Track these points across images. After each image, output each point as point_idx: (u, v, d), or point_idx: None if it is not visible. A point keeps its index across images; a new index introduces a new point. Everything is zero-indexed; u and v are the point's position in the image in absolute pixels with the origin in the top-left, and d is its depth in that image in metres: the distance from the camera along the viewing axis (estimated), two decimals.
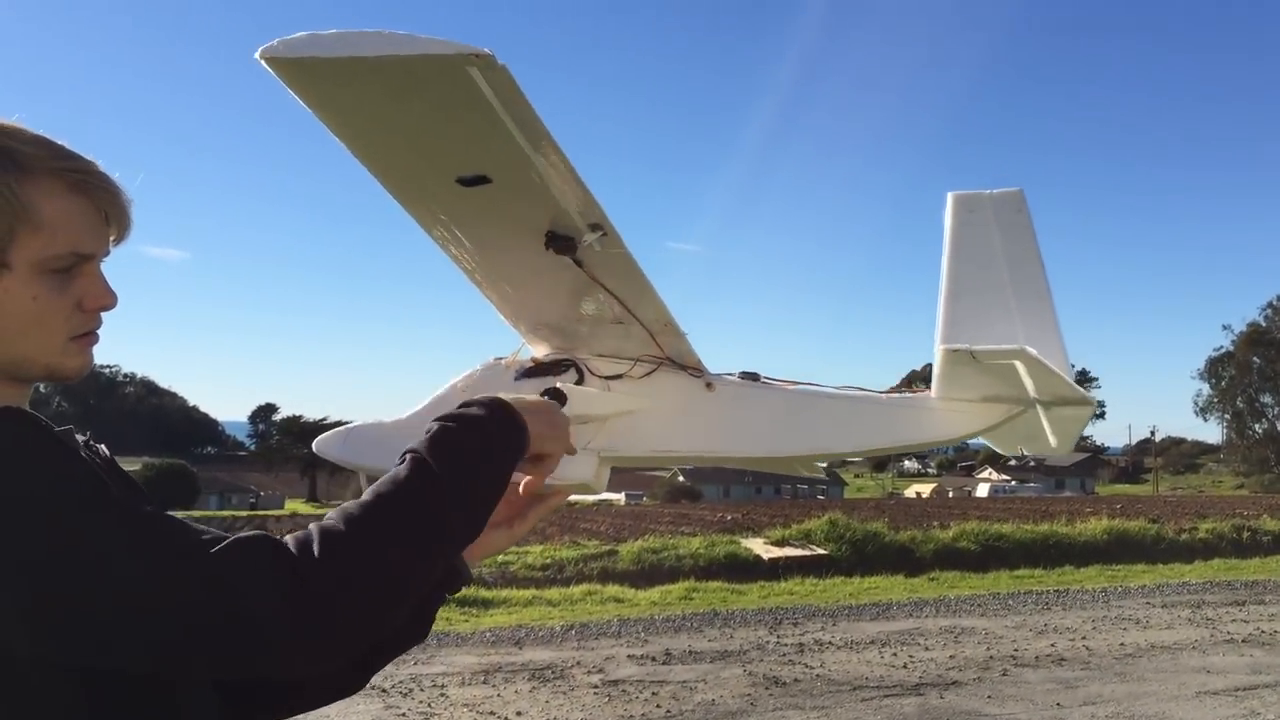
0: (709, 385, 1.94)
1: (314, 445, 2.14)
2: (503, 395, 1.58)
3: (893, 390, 1.99)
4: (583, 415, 1.95)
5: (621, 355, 1.98)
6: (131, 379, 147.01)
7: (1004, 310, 1.99)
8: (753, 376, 2.00)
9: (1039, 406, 1.93)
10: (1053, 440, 2.00)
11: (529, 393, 1.94)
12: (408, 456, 1.43)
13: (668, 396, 1.99)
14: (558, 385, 1.98)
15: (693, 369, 1.98)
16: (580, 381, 2.01)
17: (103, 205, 1.48)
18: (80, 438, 1.53)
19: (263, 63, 1.37)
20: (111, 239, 1.52)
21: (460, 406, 1.54)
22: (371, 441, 2.13)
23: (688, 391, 1.97)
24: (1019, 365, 1.88)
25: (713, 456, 2.02)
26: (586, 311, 1.82)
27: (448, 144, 1.51)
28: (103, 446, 1.60)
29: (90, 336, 1.51)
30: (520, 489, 1.85)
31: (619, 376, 2.02)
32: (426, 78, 1.35)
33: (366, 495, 1.39)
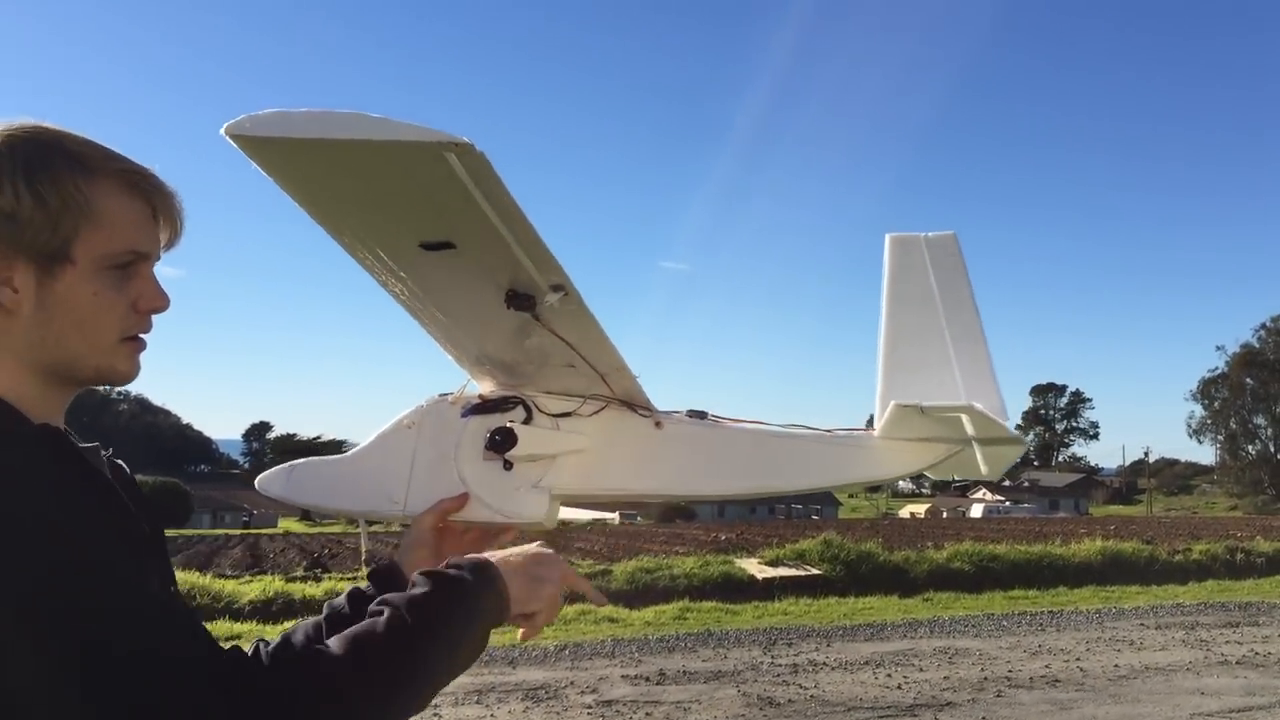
0: (657, 424, 1.95)
1: (256, 483, 2.17)
2: (489, 556, 1.59)
3: (836, 430, 2.03)
4: (531, 454, 1.96)
5: (570, 393, 2.00)
6: (125, 397, 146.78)
7: (941, 354, 2.01)
8: (700, 414, 2.02)
9: (975, 444, 1.98)
10: (984, 469, 2.07)
11: (475, 430, 1.98)
12: (386, 612, 1.42)
13: (616, 435, 1.98)
14: (508, 425, 1.97)
15: (641, 408, 2.00)
16: (528, 419, 1.98)
17: (157, 207, 1.51)
18: (105, 454, 1.56)
19: (227, 138, 1.38)
20: (163, 242, 1.55)
21: (445, 565, 1.54)
22: (314, 479, 2.11)
23: (636, 430, 1.96)
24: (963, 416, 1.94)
25: (661, 495, 2.03)
26: (532, 350, 1.86)
27: (415, 216, 1.53)
28: (123, 464, 1.62)
29: (140, 342, 1.52)
30: (468, 535, 1.93)
31: (568, 414, 1.99)
32: (400, 161, 1.36)
33: (344, 646, 1.37)
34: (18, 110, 1.46)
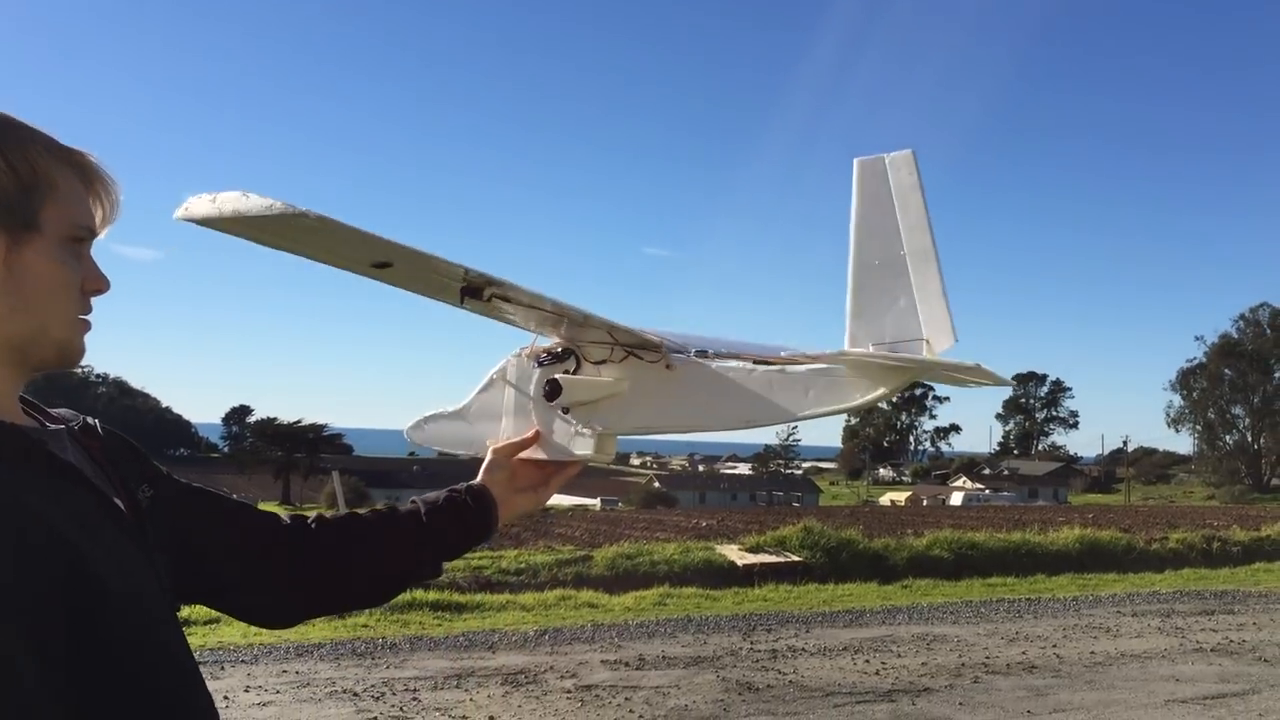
0: (668, 366, 2.14)
1: (405, 433, 2.58)
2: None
3: (818, 360, 2.09)
4: (577, 400, 2.20)
5: (603, 341, 2.21)
6: (104, 380, 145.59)
7: (902, 280, 2.01)
8: (704, 353, 2.17)
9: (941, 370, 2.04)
10: (971, 382, 2.12)
11: (540, 379, 2.28)
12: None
13: (637, 378, 2.19)
14: (555, 377, 2.21)
15: (653, 351, 2.19)
16: (577, 368, 2.23)
17: (96, 191, 1.52)
18: (74, 424, 1.55)
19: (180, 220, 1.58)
20: (99, 226, 1.54)
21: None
22: (437, 428, 2.51)
23: (651, 373, 2.16)
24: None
25: (680, 429, 2.24)
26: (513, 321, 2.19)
27: (338, 250, 1.73)
28: (101, 427, 1.60)
29: (87, 323, 1.52)
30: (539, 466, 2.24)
31: (604, 362, 2.21)
32: (277, 224, 1.56)
33: None
34: None
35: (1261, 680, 11.09)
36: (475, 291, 1.93)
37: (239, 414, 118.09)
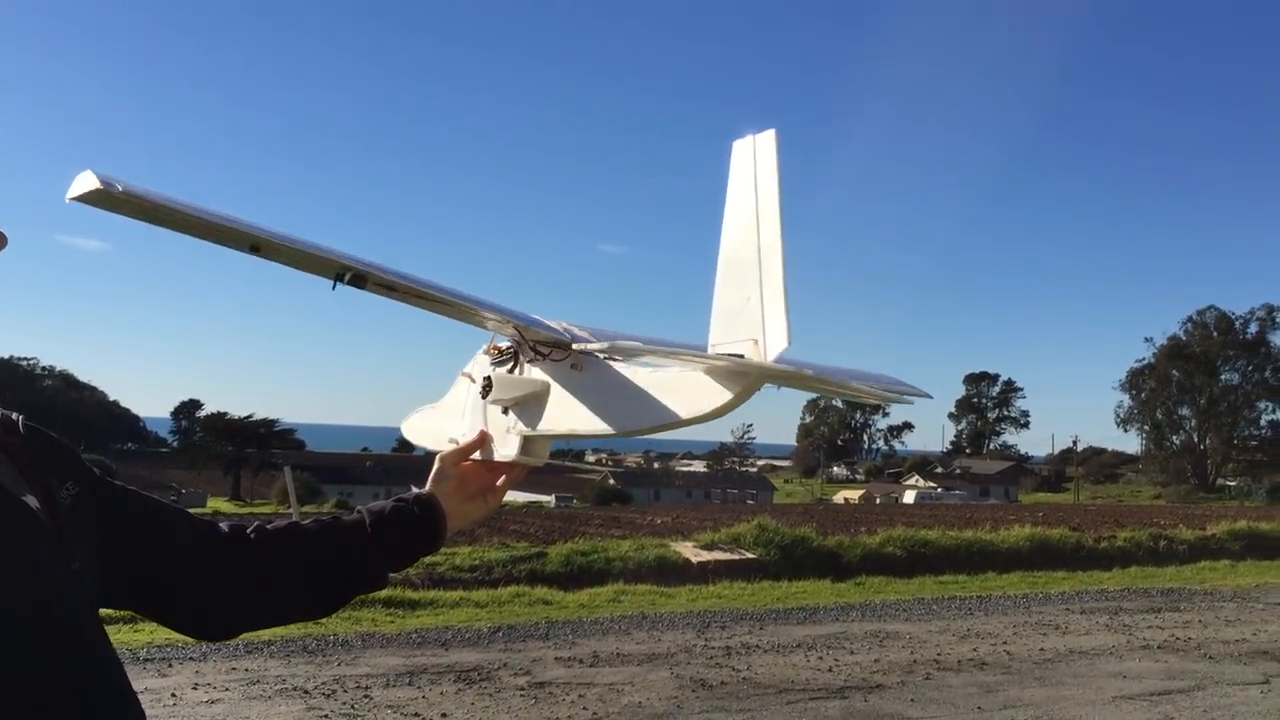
0: (573, 366, 2.02)
1: (401, 428, 2.54)
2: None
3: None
4: (501, 399, 2.13)
5: (521, 339, 2.14)
6: (50, 372, 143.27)
7: (752, 272, 1.87)
8: (619, 352, 1.99)
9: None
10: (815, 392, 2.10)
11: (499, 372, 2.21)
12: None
13: (555, 379, 2.09)
14: (489, 374, 2.15)
15: (560, 350, 2.06)
16: (514, 366, 2.15)
17: None
18: None
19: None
20: None
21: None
22: (420, 423, 2.47)
23: (563, 372, 2.05)
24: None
25: (583, 432, 2.04)
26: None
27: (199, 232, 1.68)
28: (20, 420, 1.53)
29: None
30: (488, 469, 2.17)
31: (535, 360, 2.13)
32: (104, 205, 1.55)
33: None
34: None
35: (1206, 677, 11.27)
36: (357, 280, 1.82)
37: (189, 408, 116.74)
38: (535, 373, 2.12)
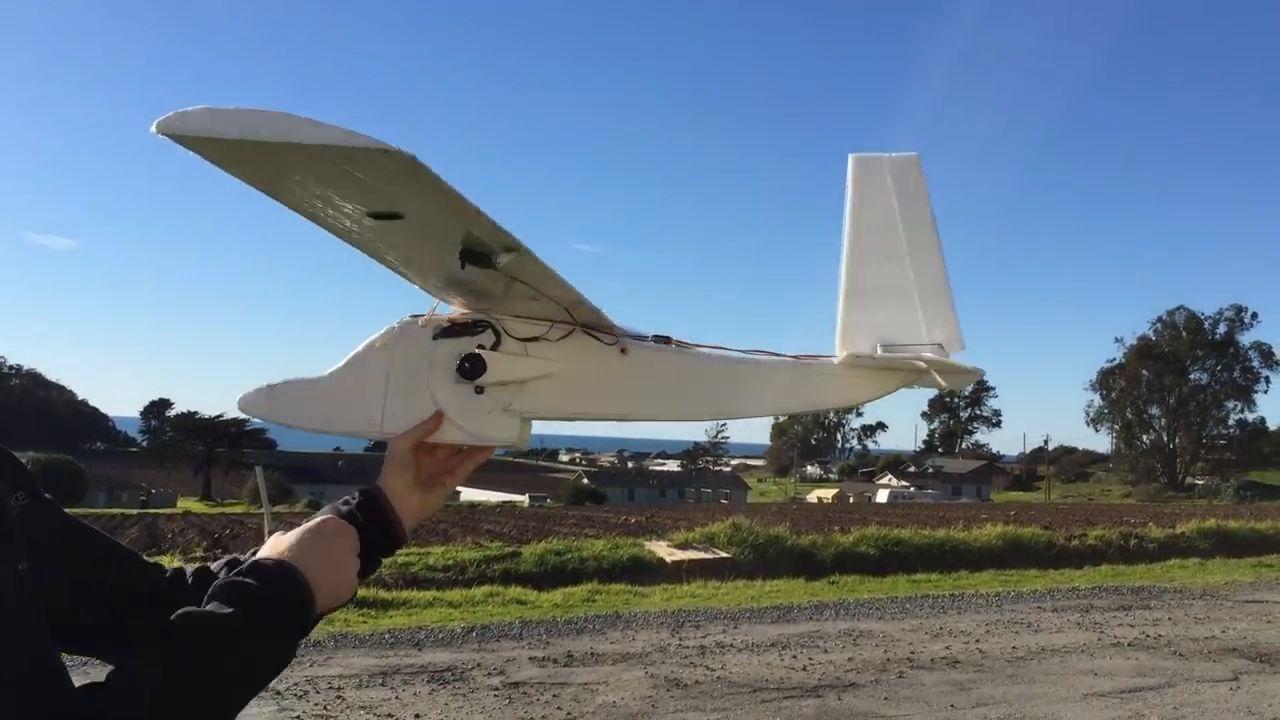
0: (623, 350, 1.97)
1: (238, 403, 2.16)
2: (285, 557, 1.56)
3: (799, 356, 2.07)
4: (501, 379, 1.98)
5: (538, 317, 2.00)
6: (17, 371, 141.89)
7: (902, 278, 2.05)
8: (665, 340, 2.05)
9: (934, 371, 2.03)
10: (944, 385, 2.12)
11: (446, 352, 2.00)
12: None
13: (582, 360, 2.00)
14: (476, 351, 1.97)
15: (607, 334, 2.03)
16: (497, 344, 1.98)
17: None
18: None
19: (159, 134, 1.33)
20: None
21: (245, 574, 1.49)
22: (294, 399, 2.12)
23: (601, 356, 1.97)
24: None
25: (627, 417, 2.07)
26: (497, 281, 1.88)
27: (358, 195, 1.52)
28: None
29: None
30: (441, 454, 1.97)
31: (535, 339, 1.99)
32: (333, 158, 1.36)
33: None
34: None
35: (1176, 674, 11.35)
36: (480, 258, 1.71)
37: (158, 407, 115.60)
38: (535, 352, 2.01)
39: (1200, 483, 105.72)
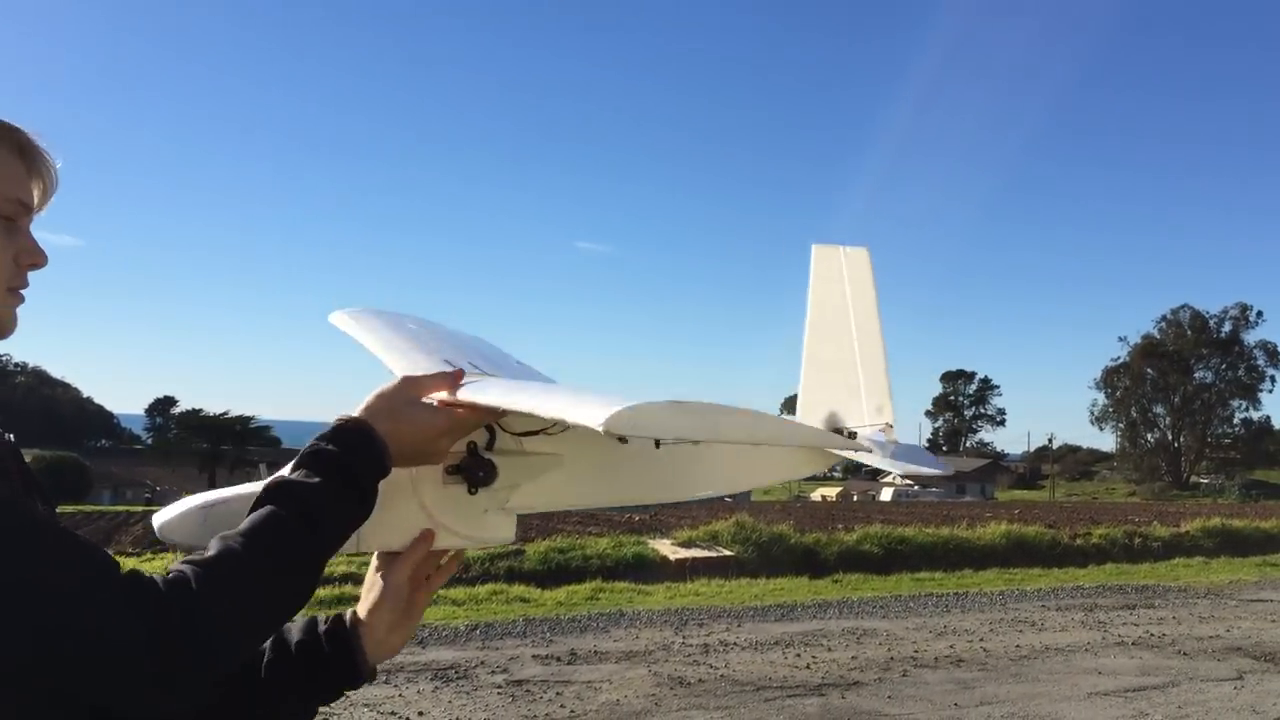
0: (621, 438, 1.72)
1: (156, 529, 1.71)
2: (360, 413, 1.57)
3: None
4: (510, 483, 1.79)
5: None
6: (23, 368, 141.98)
7: (849, 355, 2.35)
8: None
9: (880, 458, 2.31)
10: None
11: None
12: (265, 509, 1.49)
13: (580, 450, 1.85)
14: (487, 457, 1.76)
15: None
16: (491, 441, 1.78)
17: (36, 168, 1.47)
18: None
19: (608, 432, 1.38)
20: (37, 202, 1.49)
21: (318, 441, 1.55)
22: (238, 520, 1.61)
23: (599, 444, 1.78)
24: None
25: (625, 504, 2.04)
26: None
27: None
28: (10, 436, 1.54)
29: (20, 297, 1.47)
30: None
31: (533, 433, 1.80)
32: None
33: (213, 551, 1.46)
34: None
35: (1181, 673, 11.34)
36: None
37: (163, 405, 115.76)
38: (533, 446, 1.82)
39: (1205, 481, 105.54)
